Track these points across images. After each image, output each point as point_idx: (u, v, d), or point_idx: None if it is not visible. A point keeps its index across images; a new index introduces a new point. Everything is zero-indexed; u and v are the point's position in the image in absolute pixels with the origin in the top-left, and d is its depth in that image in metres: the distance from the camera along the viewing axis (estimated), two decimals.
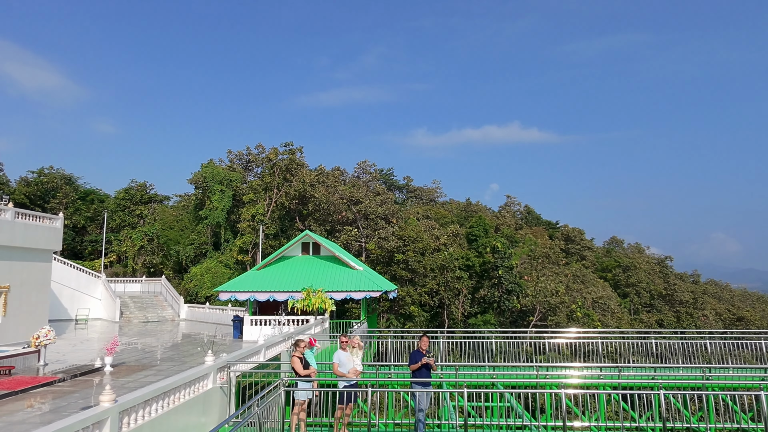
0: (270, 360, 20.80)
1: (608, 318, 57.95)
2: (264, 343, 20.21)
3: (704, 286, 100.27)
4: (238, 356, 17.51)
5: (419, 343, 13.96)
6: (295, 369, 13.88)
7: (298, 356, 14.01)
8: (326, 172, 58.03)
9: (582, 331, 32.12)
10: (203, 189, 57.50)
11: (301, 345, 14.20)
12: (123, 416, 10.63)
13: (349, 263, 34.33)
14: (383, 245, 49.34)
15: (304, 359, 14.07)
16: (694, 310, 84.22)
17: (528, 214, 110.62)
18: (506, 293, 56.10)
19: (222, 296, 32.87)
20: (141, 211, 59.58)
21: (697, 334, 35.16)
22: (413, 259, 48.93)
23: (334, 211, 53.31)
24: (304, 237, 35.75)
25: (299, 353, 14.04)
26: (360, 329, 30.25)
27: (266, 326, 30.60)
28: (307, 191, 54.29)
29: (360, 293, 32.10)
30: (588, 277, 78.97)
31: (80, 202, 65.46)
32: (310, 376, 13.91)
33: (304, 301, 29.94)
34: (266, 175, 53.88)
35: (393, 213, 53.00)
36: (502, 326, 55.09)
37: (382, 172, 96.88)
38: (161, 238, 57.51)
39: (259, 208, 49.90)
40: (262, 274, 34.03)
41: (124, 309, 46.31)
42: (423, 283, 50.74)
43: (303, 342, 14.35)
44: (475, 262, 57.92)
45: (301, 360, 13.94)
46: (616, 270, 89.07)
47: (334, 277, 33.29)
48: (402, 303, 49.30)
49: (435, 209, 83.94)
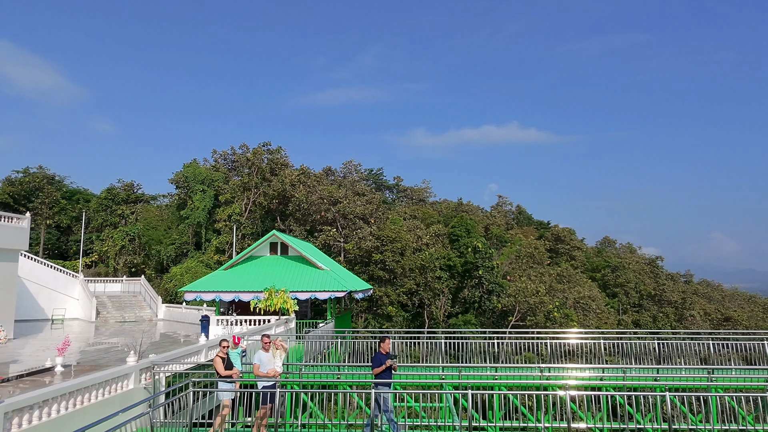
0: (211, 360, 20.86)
1: (589, 318, 57.88)
2: (205, 343, 20.28)
3: (695, 286, 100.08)
4: (169, 357, 17.59)
5: (382, 345, 13.88)
6: (216, 369, 13.89)
7: (221, 356, 14.01)
8: (308, 172, 58.10)
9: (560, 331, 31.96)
10: (185, 189, 57.67)
11: (224, 345, 14.22)
12: (13, 416, 10.71)
13: (316, 263, 34.38)
14: (361, 245, 49.40)
15: (227, 359, 14.11)
16: (683, 310, 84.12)
17: (519, 214, 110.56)
18: (487, 293, 56.10)
19: (187, 296, 32.96)
20: (123, 210, 59.73)
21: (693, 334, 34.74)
22: (391, 260, 48.95)
23: (314, 211, 53.40)
24: (271, 237, 35.83)
25: (222, 353, 14.05)
26: (322, 329, 30.35)
27: (235, 326, 30.67)
28: (288, 191, 54.40)
29: (324, 293, 32.15)
30: (575, 277, 78.86)
31: (65, 202, 65.66)
32: (233, 376, 13.95)
33: (267, 301, 30.04)
34: (244, 175, 54.03)
35: (372, 213, 53.03)
36: (483, 326, 55.06)
37: (371, 172, 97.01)
38: (143, 238, 57.67)
39: (236, 208, 50.01)
40: (229, 274, 34.12)
41: (101, 309, 46.37)
42: (401, 284, 50.77)
43: (226, 342, 14.37)
44: (457, 262, 57.93)
45: (223, 360, 13.96)
46: (605, 270, 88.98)
47: (300, 277, 33.34)
48: (380, 303, 49.33)
49: (423, 209, 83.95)
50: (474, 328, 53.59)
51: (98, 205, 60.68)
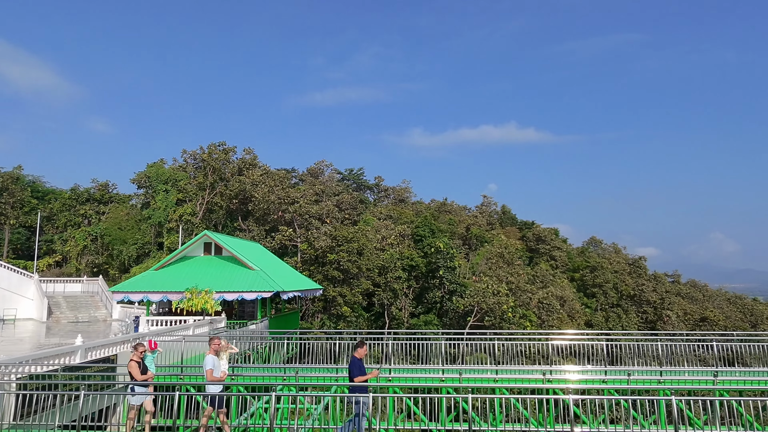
0: (96, 361, 20.73)
1: (552, 319, 57.54)
2: (82, 344, 20.10)
3: (679, 286, 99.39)
4: (24, 358, 17.48)
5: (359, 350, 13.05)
6: (131, 373, 13.74)
7: (136, 360, 13.86)
8: (271, 172, 58.15)
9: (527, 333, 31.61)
10: (149, 189, 57.91)
11: (140, 349, 14.07)
12: None
13: (246, 263, 34.38)
14: (315, 245, 49.38)
15: (142, 364, 13.95)
16: (662, 310, 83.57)
17: (504, 214, 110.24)
18: (448, 294, 55.91)
19: (115, 296, 33.04)
20: (85, 210, 60.02)
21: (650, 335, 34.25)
22: (346, 260, 48.88)
23: (273, 211, 53.43)
24: (203, 237, 35.87)
25: (137, 357, 13.92)
26: (245, 329, 30.37)
27: (154, 326, 30.68)
28: (248, 191, 54.48)
29: (252, 293, 32.15)
30: (548, 277, 78.50)
31: (35, 201, 66.02)
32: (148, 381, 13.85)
33: (189, 302, 30.09)
34: (200, 176, 54.17)
35: (328, 213, 52.97)
36: (445, 327, 54.87)
37: (351, 172, 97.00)
38: (106, 238, 57.93)
39: (188, 208, 50.09)
40: (159, 274, 34.17)
41: (55, 309, 46.49)
42: (358, 284, 50.69)
43: (142, 347, 14.21)
44: (420, 262, 57.77)
45: (139, 364, 13.81)
46: (585, 270, 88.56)
47: (229, 278, 33.35)
48: (334, 303, 49.29)
49: (399, 209, 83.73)
50: (436, 328, 53.41)
51: (62, 205, 61.01)
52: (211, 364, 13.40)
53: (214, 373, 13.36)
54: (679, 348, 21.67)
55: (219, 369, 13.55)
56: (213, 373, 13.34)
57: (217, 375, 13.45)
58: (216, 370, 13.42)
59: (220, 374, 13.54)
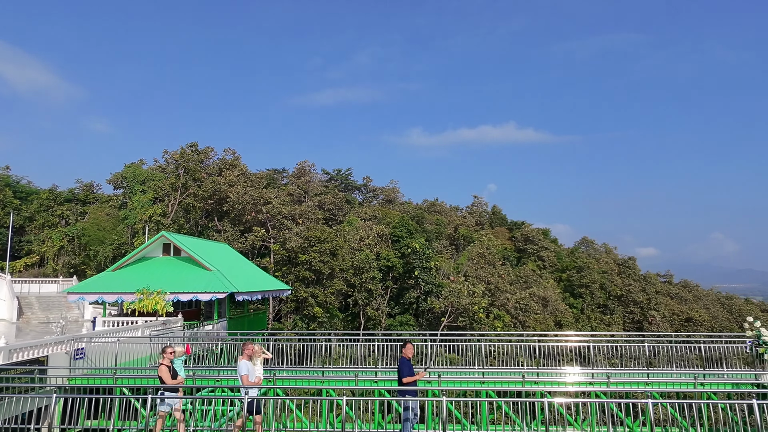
0: (22, 362, 20.63)
1: (529, 320, 57.25)
2: (4, 346, 20.03)
3: (669, 286, 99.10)
4: None
5: (404, 351, 12.86)
6: (161, 378, 13.32)
7: (167, 364, 13.43)
8: (248, 173, 58.12)
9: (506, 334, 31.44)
10: (126, 189, 57.97)
11: (168, 352, 13.71)
12: None
13: (204, 264, 34.29)
14: (286, 245, 49.31)
15: (172, 368, 13.58)
16: (648, 310, 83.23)
17: (494, 214, 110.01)
18: (424, 294, 55.72)
19: (70, 297, 33.03)
20: (62, 211, 60.12)
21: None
22: (317, 260, 48.76)
23: (247, 211, 53.40)
24: (161, 238, 35.80)
25: (167, 361, 13.51)
26: (196, 330, 30.30)
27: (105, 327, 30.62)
28: (223, 191, 54.47)
29: (206, 294, 32.07)
30: (532, 277, 78.17)
31: (18, 202, 66.19)
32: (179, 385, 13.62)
33: (141, 303, 30.03)
34: (172, 176, 54.22)
35: (301, 214, 52.88)
36: (421, 327, 54.71)
37: (339, 172, 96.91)
38: (83, 239, 57.98)
39: (157, 208, 50.11)
40: (116, 275, 34.13)
41: (27, 310, 46.53)
42: (331, 285, 50.56)
43: (170, 349, 13.89)
44: (396, 263, 57.59)
45: (169, 369, 13.42)
46: (571, 271, 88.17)
47: (185, 278, 33.25)
48: (306, 304, 49.17)
49: (385, 210, 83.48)
50: (412, 329, 53.26)
51: (39, 206, 61.15)
52: (245, 369, 13.16)
53: (249, 378, 13.12)
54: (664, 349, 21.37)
55: (254, 374, 13.33)
56: (248, 378, 13.11)
57: (252, 380, 13.17)
58: (251, 375, 13.20)
59: (255, 379, 13.27)
